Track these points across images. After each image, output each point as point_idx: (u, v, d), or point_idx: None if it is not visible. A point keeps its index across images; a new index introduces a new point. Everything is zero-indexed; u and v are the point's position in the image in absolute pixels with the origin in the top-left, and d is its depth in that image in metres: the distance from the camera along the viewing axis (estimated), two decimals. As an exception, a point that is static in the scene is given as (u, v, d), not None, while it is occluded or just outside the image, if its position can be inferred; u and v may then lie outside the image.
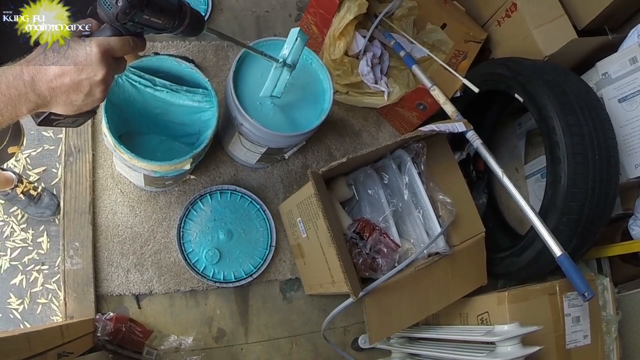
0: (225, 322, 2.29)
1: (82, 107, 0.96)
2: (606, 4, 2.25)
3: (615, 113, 2.12)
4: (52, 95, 0.90)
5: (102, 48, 0.91)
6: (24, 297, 2.18)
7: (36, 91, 0.88)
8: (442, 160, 2.12)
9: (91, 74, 0.91)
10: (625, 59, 2.11)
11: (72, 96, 0.92)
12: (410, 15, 2.69)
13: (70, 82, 0.89)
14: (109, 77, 0.95)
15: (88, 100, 0.94)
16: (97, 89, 0.94)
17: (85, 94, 0.92)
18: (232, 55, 2.63)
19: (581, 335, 1.97)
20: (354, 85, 2.54)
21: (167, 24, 1.02)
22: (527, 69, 2.10)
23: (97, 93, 0.94)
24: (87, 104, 0.95)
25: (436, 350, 1.99)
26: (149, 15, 0.95)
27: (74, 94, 0.91)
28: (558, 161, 1.90)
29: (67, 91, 0.90)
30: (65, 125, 1.05)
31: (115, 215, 2.25)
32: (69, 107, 0.94)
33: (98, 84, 0.93)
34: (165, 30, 1.04)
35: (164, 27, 1.02)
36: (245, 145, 2.15)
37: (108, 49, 0.93)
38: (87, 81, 0.91)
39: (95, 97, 0.95)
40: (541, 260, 2.00)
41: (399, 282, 1.85)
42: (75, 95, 0.92)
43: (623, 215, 2.27)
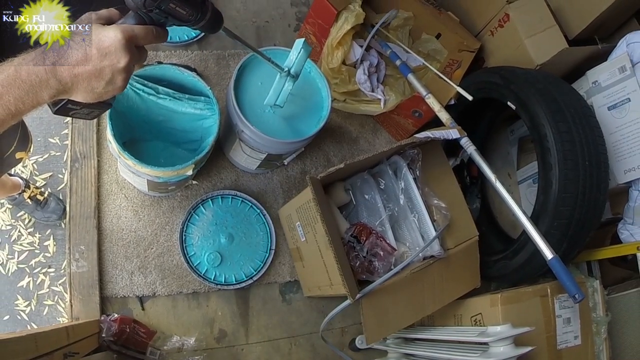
0: (227, 323, 2.29)
1: (103, 95, 0.92)
2: (596, 14, 2.26)
3: (605, 120, 2.13)
4: (74, 81, 0.86)
5: (126, 34, 0.89)
6: (31, 299, 2.18)
7: (57, 77, 0.84)
8: (437, 166, 2.12)
9: (114, 60, 0.88)
10: (615, 68, 2.11)
11: (93, 83, 0.88)
12: (406, 26, 2.70)
13: (92, 68, 0.86)
14: (131, 65, 0.92)
15: (109, 88, 0.91)
16: (119, 77, 0.90)
17: (107, 81, 0.89)
18: (233, 64, 2.64)
19: (572, 336, 1.97)
20: (351, 93, 2.55)
21: (190, 16, 1.01)
22: (519, 77, 2.10)
23: (118, 81, 0.91)
24: (108, 91, 0.92)
25: (431, 351, 1.99)
26: (174, 4, 0.95)
27: (96, 80, 0.88)
28: (549, 167, 1.90)
29: (88, 78, 0.87)
30: (80, 116, 1.02)
31: (119, 220, 2.25)
32: (89, 95, 0.90)
33: (120, 72, 0.90)
34: (188, 22, 1.02)
35: (187, 18, 1.01)
36: (245, 151, 2.15)
37: (132, 36, 0.90)
38: (109, 68, 0.88)
39: (116, 85, 0.92)
40: (533, 263, 2.00)
41: (395, 285, 1.86)
42: (97, 83, 0.88)
43: (612, 219, 2.27)
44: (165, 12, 0.96)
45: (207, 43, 2.69)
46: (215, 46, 2.69)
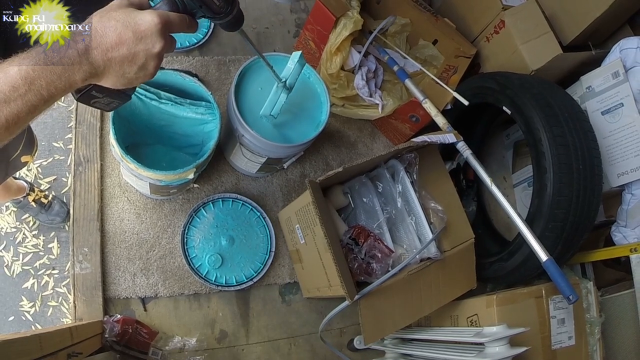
0: (227, 324, 2.29)
1: (133, 81, 0.89)
2: (590, 21, 2.27)
3: (599, 125, 2.14)
4: (107, 65, 0.83)
5: (163, 19, 0.86)
6: (36, 300, 2.18)
7: (90, 60, 0.80)
8: (434, 169, 2.13)
9: (149, 44, 0.85)
10: (608, 73, 2.12)
11: (125, 67, 0.85)
12: (403, 32, 2.71)
13: (127, 52, 0.83)
14: (164, 52, 0.89)
15: (140, 73, 0.88)
16: (151, 62, 0.88)
17: (140, 66, 0.86)
18: (234, 70, 2.64)
19: (566, 336, 1.97)
20: (349, 99, 2.55)
21: (220, 8, 1.00)
22: (514, 82, 2.11)
23: (150, 67, 0.88)
24: (139, 77, 0.89)
25: (428, 351, 1.99)
26: None
27: (129, 65, 0.85)
28: (544, 170, 1.91)
29: (121, 62, 0.84)
30: (100, 105, 1.00)
31: (122, 222, 2.26)
32: (120, 80, 0.87)
33: (153, 57, 0.87)
34: (217, 14, 1.02)
35: (217, 10, 1.00)
36: (246, 155, 2.16)
37: (168, 21, 0.88)
38: (143, 53, 0.85)
39: (148, 71, 0.89)
40: (528, 265, 2.01)
41: (392, 286, 1.86)
42: (129, 67, 0.85)
43: (606, 222, 2.28)
44: (200, 0, 0.95)
45: (208, 49, 2.69)
46: (216, 52, 2.70)
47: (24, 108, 0.76)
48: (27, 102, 0.76)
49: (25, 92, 0.75)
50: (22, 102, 0.76)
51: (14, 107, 0.75)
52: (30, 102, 0.77)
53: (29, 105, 0.77)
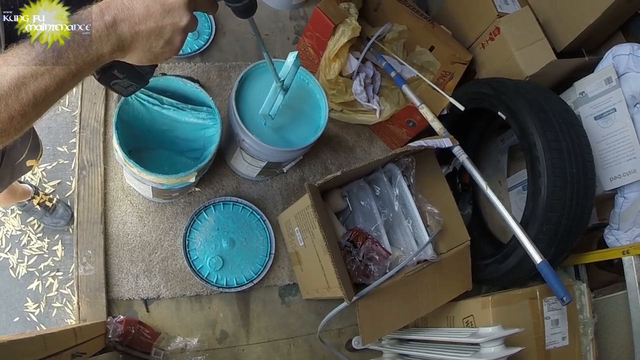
0: (228, 325, 2.29)
1: (158, 57, 0.87)
2: (583, 27, 2.28)
3: (592, 130, 2.14)
4: (133, 39, 0.80)
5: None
6: (40, 302, 2.18)
7: (118, 33, 0.78)
8: (430, 173, 2.13)
9: (177, 18, 0.82)
10: (601, 79, 2.13)
11: (152, 41, 0.82)
12: (401, 39, 2.71)
13: (154, 25, 0.80)
14: (189, 28, 0.87)
15: (166, 48, 0.85)
16: (177, 37, 0.85)
17: (166, 40, 0.84)
18: (234, 75, 2.65)
19: (560, 337, 1.98)
20: (348, 104, 2.56)
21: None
22: (509, 88, 2.11)
23: (176, 41, 0.86)
24: (164, 52, 0.86)
25: (425, 351, 1.99)
26: None
27: (155, 39, 0.82)
28: (538, 174, 1.91)
29: (148, 35, 0.81)
30: (119, 88, 0.99)
31: (125, 225, 2.26)
32: (146, 55, 0.85)
33: (180, 32, 0.85)
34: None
35: None
36: (246, 159, 2.16)
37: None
38: (170, 26, 0.82)
39: (174, 46, 0.86)
40: (522, 267, 2.01)
41: (389, 288, 1.86)
42: (156, 42, 0.83)
43: (599, 225, 2.28)
44: None
45: (209, 56, 2.70)
46: (217, 59, 2.70)
47: (52, 83, 0.74)
48: (55, 76, 0.74)
49: (53, 66, 0.73)
50: (49, 76, 0.73)
51: (42, 82, 0.73)
52: (58, 76, 0.74)
53: (57, 79, 0.74)
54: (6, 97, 0.70)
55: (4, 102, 0.71)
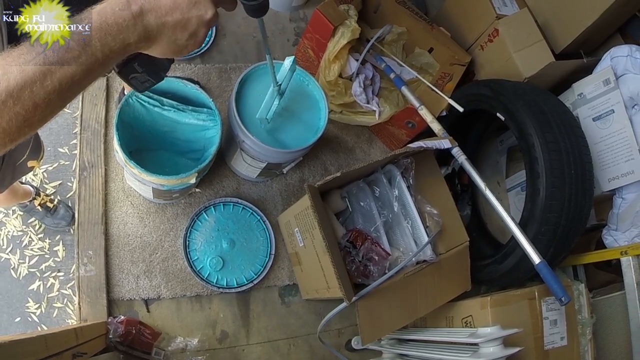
0: (228, 325, 2.30)
1: (182, 50, 0.87)
2: (581, 29, 2.28)
3: (590, 131, 2.14)
4: (159, 30, 0.81)
5: None
6: (41, 302, 2.18)
7: (144, 23, 0.78)
8: (430, 174, 2.14)
9: (202, 11, 0.83)
10: (599, 81, 2.13)
11: (177, 33, 0.83)
12: (400, 40, 2.72)
13: (180, 17, 0.81)
14: (213, 21, 0.87)
15: (191, 41, 0.86)
16: (202, 30, 0.86)
17: (191, 33, 0.84)
18: (235, 77, 2.65)
19: (558, 337, 1.98)
20: (347, 105, 2.56)
21: None
22: (508, 89, 2.12)
23: (200, 34, 0.86)
24: (188, 45, 0.87)
25: (424, 351, 1.99)
26: None
27: (180, 31, 0.83)
28: (537, 175, 1.92)
29: (174, 27, 0.82)
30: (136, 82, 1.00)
31: (126, 226, 2.26)
32: (170, 47, 0.85)
33: (204, 24, 0.85)
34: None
35: None
36: (246, 160, 2.16)
37: None
38: (195, 19, 0.83)
39: (198, 39, 0.87)
40: (521, 267, 2.01)
41: (389, 288, 1.86)
42: (181, 33, 0.83)
43: (597, 225, 2.28)
44: None
45: (209, 57, 2.70)
46: (217, 60, 2.71)
47: (78, 70, 0.73)
48: (82, 64, 0.73)
49: (79, 54, 0.73)
50: (76, 64, 0.73)
51: (68, 69, 0.72)
52: (84, 64, 0.74)
53: (83, 67, 0.73)
54: (31, 84, 0.69)
55: (28, 89, 0.70)
